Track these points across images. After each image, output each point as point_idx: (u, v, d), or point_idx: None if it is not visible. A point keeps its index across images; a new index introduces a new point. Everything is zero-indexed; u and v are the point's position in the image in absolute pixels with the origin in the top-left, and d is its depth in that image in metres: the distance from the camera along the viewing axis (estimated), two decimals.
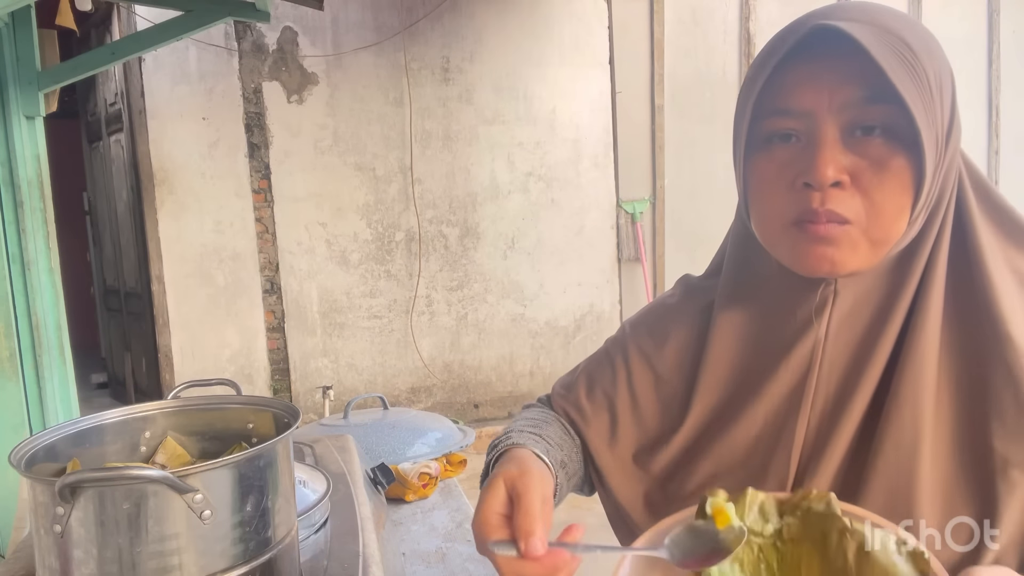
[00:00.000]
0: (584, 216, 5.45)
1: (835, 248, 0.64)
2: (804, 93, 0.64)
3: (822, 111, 0.64)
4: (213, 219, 4.64)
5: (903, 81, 0.59)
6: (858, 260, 0.65)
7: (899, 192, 0.63)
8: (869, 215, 0.63)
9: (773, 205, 0.67)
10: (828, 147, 0.63)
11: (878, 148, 0.63)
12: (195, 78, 4.55)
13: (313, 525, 0.95)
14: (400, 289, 5.08)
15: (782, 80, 0.65)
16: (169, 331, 4.61)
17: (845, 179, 0.63)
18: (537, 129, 5.28)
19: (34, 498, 0.66)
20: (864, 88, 0.62)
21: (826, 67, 0.63)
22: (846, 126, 0.63)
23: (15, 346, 2.40)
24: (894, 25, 0.63)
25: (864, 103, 0.62)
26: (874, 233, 0.64)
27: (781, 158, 0.66)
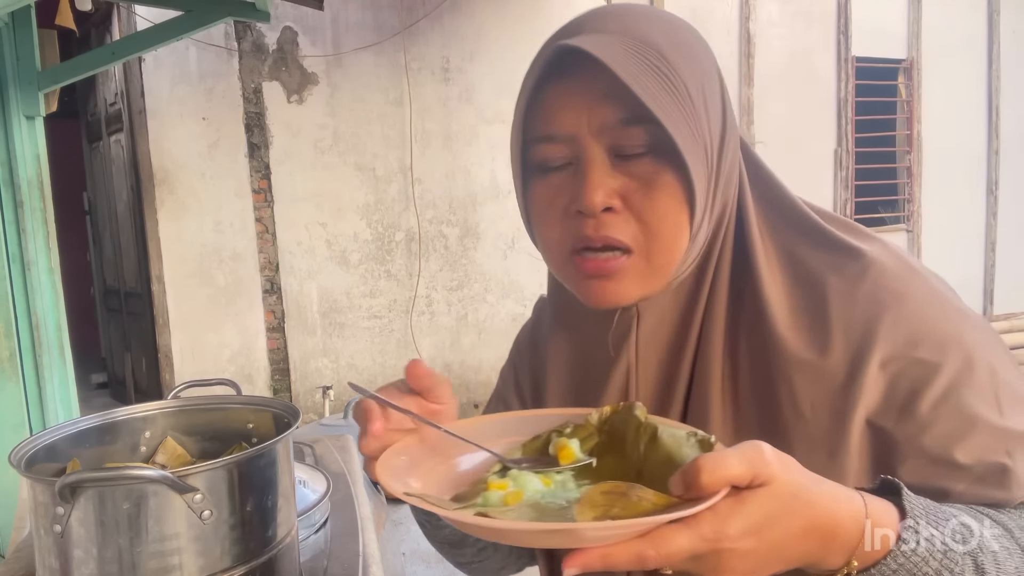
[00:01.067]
0: None
1: (615, 281, 0.63)
2: (564, 117, 0.62)
3: (584, 134, 0.61)
4: (213, 219, 4.64)
5: (656, 98, 0.57)
6: (643, 287, 0.63)
7: (673, 210, 0.61)
8: (647, 237, 0.61)
9: (552, 234, 0.65)
10: (595, 171, 0.61)
11: (645, 167, 0.60)
12: (195, 78, 4.55)
13: (313, 525, 0.95)
14: (400, 289, 5.09)
15: (545, 103, 0.63)
16: (169, 331, 4.61)
17: (616, 203, 0.61)
18: None
19: (34, 498, 0.66)
20: (620, 108, 0.59)
21: (581, 88, 0.61)
22: (610, 148, 0.61)
23: (15, 346, 2.40)
24: (648, 33, 0.60)
25: (622, 125, 0.60)
26: (655, 257, 0.62)
27: (554, 184, 0.64)
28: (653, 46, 0.59)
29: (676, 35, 0.62)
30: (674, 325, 0.67)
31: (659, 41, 0.60)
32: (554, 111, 0.63)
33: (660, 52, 0.59)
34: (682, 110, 0.58)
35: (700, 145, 0.60)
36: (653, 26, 0.61)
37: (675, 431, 0.54)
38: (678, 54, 0.60)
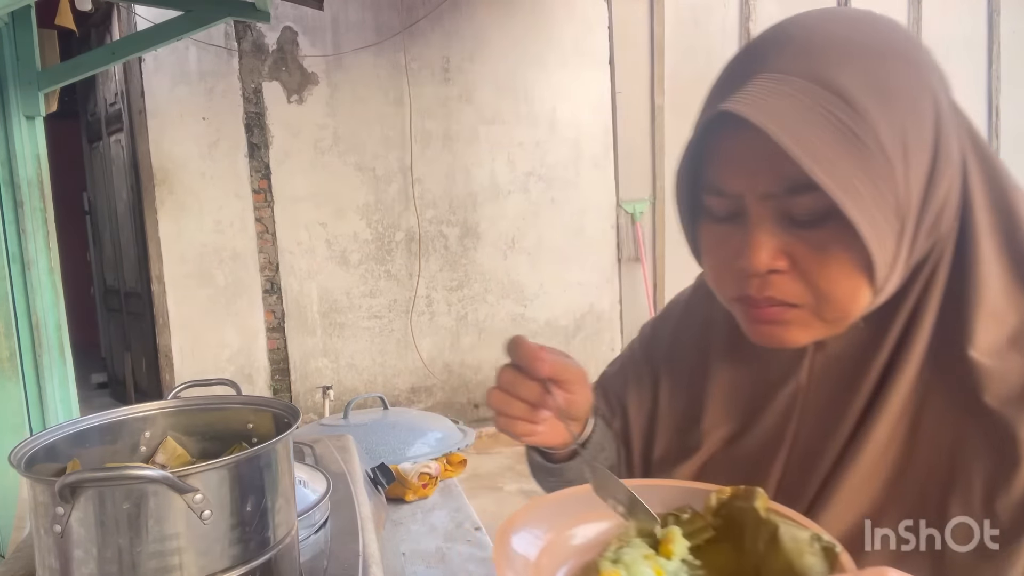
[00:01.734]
0: (584, 216, 5.45)
1: (783, 328, 0.60)
2: (731, 176, 0.59)
3: (749, 195, 0.58)
4: (213, 219, 4.64)
5: (831, 165, 0.52)
6: (813, 335, 0.60)
7: (848, 276, 0.56)
8: (818, 299, 0.58)
9: (719, 278, 0.63)
10: (760, 233, 0.57)
11: (817, 234, 0.56)
12: (195, 78, 4.55)
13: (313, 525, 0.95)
14: (400, 289, 5.08)
15: (713, 153, 0.60)
16: (169, 331, 4.61)
17: (783, 264, 0.57)
18: (537, 129, 5.28)
19: (34, 498, 0.66)
20: (789, 174, 0.54)
21: (748, 146, 0.56)
22: (778, 211, 0.57)
23: (15, 346, 2.40)
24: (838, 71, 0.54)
25: (788, 193, 0.55)
26: (828, 314, 0.58)
27: (721, 231, 0.61)
28: (841, 93, 0.53)
29: (876, 67, 0.54)
30: (856, 356, 0.63)
31: (850, 84, 0.53)
32: (721, 166, 0.59)
33: (849, 101, 0.53)
34: (867, 171, 0.53)
35: (890, 204, 0.54)
36: (846, 58, 0.54)
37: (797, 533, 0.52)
38: (874, 97, 0.53)
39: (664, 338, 0.81)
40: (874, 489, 0.60)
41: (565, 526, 0.59)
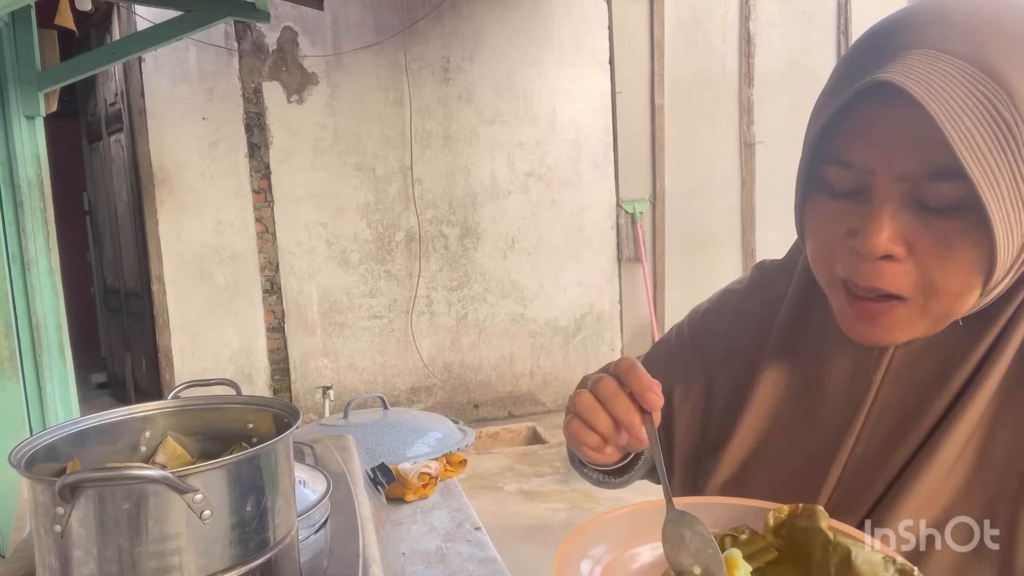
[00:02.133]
0: (584, 216, 5.45)
1: (882, 328, 0.58)
2: (863, 148, 0.55)
3: (882, 174, 0.54)
4: (213, 219, 4.64)
5: (982, 155, 0.49)
6: (912, 332, 0.58)
7: (966, 272, 0.54)
8: (926, 292, 0.55)
9: (824, 256, 0.60)
10: (884, 213, 0.54)
11: (946, 224, 0.53)
12: (195, 78, 4.55)
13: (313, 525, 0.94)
14: (400, 289, 5.09)
15: (850, 122, 0.56)
16: (169, 331, 4.61)
17: (899, 251, 0.55)
18: (537, 129, 5.28)
19: (34, 498, 0.66)
20: (932, 158, 0.51)
21: (894, 121, 0.53)
22: (909, 195, 0.54)
23: (15, 346, 2.40)
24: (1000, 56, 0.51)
25: (928, 178, 0.53)
26: (934, 309, 0.56)
27: (835, 207, 0.58)
28: (1003, 82, 0.50)
29: None
30: (942, 358, 0.60)
31: (1012, 75, 0.50)
32: (857, 137, 0.56)
33: (1010, 92, 0.50)
34: (1012, 168, 0.50)
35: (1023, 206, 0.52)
36: (1011, 48, 0.51)
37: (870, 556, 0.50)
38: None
39: (718, 333, 0.78)
40: (944, 496, 0.59)
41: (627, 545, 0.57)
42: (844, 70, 0.58)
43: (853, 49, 0.58)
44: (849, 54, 0.59)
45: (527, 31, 5.20)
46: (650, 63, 5.54)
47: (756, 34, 5.72)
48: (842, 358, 0.66)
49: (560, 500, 3.92)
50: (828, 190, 0.59)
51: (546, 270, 5.38)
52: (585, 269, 5.47)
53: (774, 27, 5.76)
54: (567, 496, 3.94)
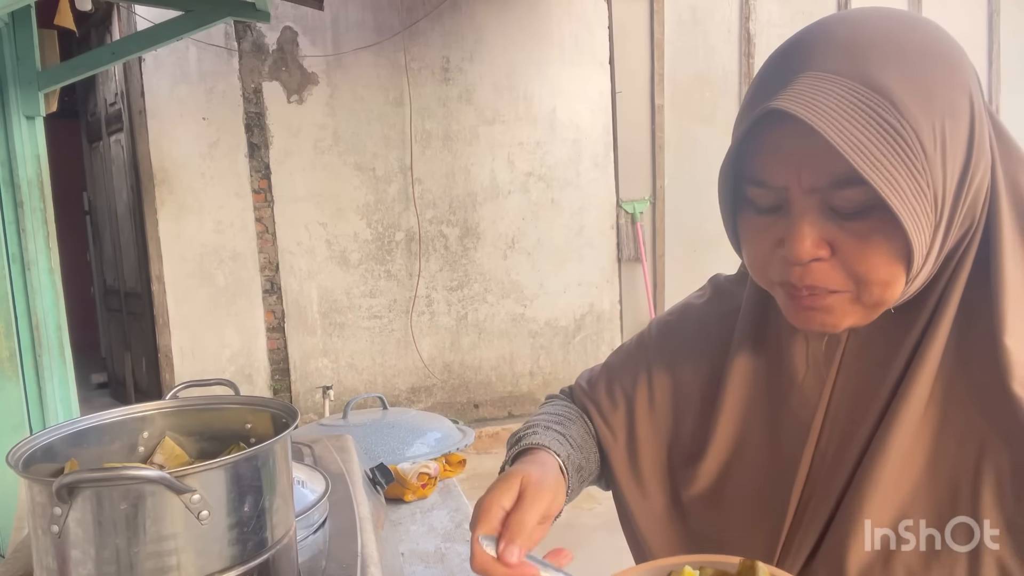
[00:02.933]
0: (584, 216, 5.45)
1: (824, 313, 0.62)
2: (773, 168, 0.61)
3: (794, 188, 0.60)
4: (213, 219, 4.64)
5: (876, 160, 0.54)
6: (853, 319, 0.62)
7: (887, 263, 0.59)
8: (857, 284, 0.60)
9: (760, 265, 0.65)
10: (803, 224, 0.59)
11: (859, 225, 0.58)
12: (195, 78, 4.55)
13: (312, 525, 0.94)
14: (400, 289, 5.09)
15: (759, 146, 0.61)
16: (169, 331, 4.61)
17: (824, 253, 0.60)
18: (537, 129, 5.28)
19: (32, 498, 0.66)
20: (835, 168, 0.56)
21: (796, 140, 0.58)
22: (822, 203, 0.59)
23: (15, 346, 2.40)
24: (880, 70, 0.56)
25: (833, 187, 0.58)
26: (866, 298, 0.61)
27: (763, 222, 0.63)
28: (883, 92, 0.55)
29: (917, 68, 0.56)
30: (884, 347, 0.65)
31: (893, 85, 0.55)
32: (766, 159, 0.61)
33: (891, 100, 0.55)
34: (908, 167, 0.55)
35: (928, 198, 0.56)
36: (888, 58, 0.56)
37: None
38: (914, 96, 0.56)
39: (682, 338, 0.82)
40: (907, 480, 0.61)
41: None
42: (750, 96, 0.63)
43: (758, 75, 0.63)
44: (755, 80, 0.64)
45: (527, 31, 5.19)
46: (650, 63, 5.54)
47: (756, 34, 5.71)
48: (800, 359, 0.70)
49: None
50: (753, 207, 0.64)
51: (546, 270, 5.38)
52: (585, 269, 5.47)
53: (774, 27, 5.76)
54: None
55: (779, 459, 0.70)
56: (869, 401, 0.65)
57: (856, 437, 0.65)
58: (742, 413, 0.73)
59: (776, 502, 0.69)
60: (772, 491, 0.69)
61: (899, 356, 0.64)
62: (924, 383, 0.62)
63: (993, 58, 6.62)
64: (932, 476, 0.61)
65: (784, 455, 0.69)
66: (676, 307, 0.87)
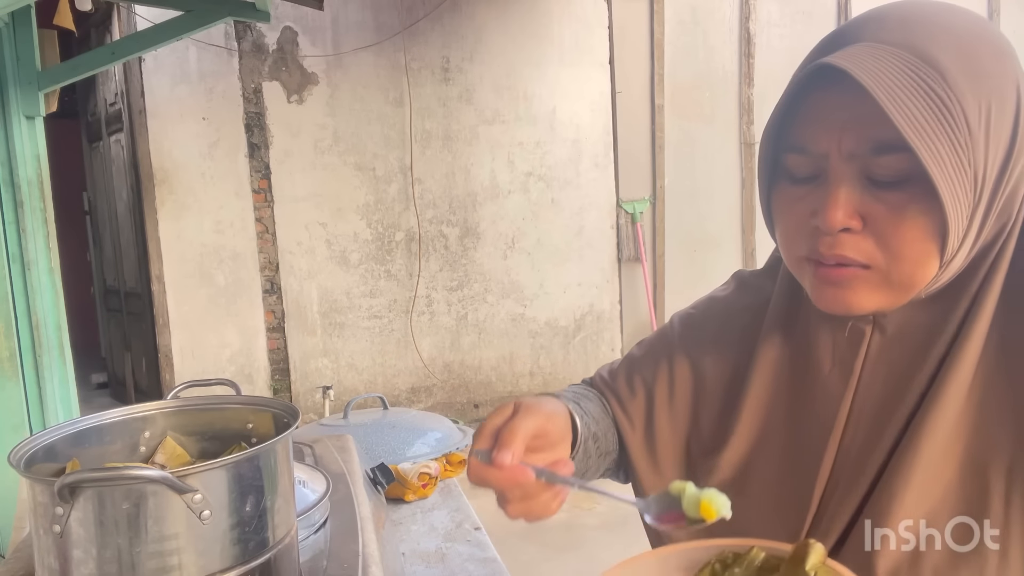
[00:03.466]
0: (584, 216, 5.45)
1: (849, 291, 0.61)
2: (816, 133, 0.60)
3: (834, 155, 0.59)
4: (213, 219, 4.64)
5: (922, 128, 0.54)
6: (878, 301, 0.61)
7: (921, 239, 0.58)
8: (887, 259, 0.59)
9: (790, 238, 0.65)
10: (839, 192, 0.59)
11: (896, 196, 0.58)
12: (195, 78, 4.55)
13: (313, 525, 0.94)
14: (400, 289, 5.08)
15: (803, 113, 0.61)
16: (169, 331, 4.61)
17: (856, 224, 0.59)
18: (537, 129, 5.28)
19: (33, 498, 0.66)
20: (877, 134, 0.56)
21: (841, 104, 0.58)
22: (861, 171, 0.59)
23: (15, 346, 2.40)
24: (933, 45, 0.56)
25: (873, 152, 0.57)
26: (896, 276, 0.60)
27: (799, 194, 0.63)
28: (934, 64, 0.56)
29: (968, 46, 0.57)
30: (916, 340, 0.64)
31: (943, 58, 0.56)
32: (808, 124, 0.61)
33: (941, 72, 0.55)
34: (952, 140, 0.55)
35: (968, 176, 0.56)
36: (941, 36, 0.57)
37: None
38: (963, 72, 0.56)
39: (708, 331, 0.81)
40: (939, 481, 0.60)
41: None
42: (798, 70, 0.63)
43: (809, 54, 0.64)
44: (805, 58, 0.64)
45: (527, 31, 5.19)
46: (650, 63, 5.54)
47: (756, 34, 5.71)
48: (824, 347, 0.69)
49: None
50: (790, 177, 0.64)
51: (546, 270, 5.38)
52: (585, 269, 5.47)
53: (774, 27, 5.76)
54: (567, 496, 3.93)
55: (802, 452, 0.68)
56: (899, 396, 0.64)
57: (884, 434, 0.64)
58: (766, 405, 0.72)
59: (799, 496, 0.67)
60: (794, 485, 0.68)
61: (931, 352, 0.63)
62: (962, 381, 0.61)
63: None
64: (964, 478, 0.60)
65: (807, 448, 0.68)
66: (700, 300, 0.85)
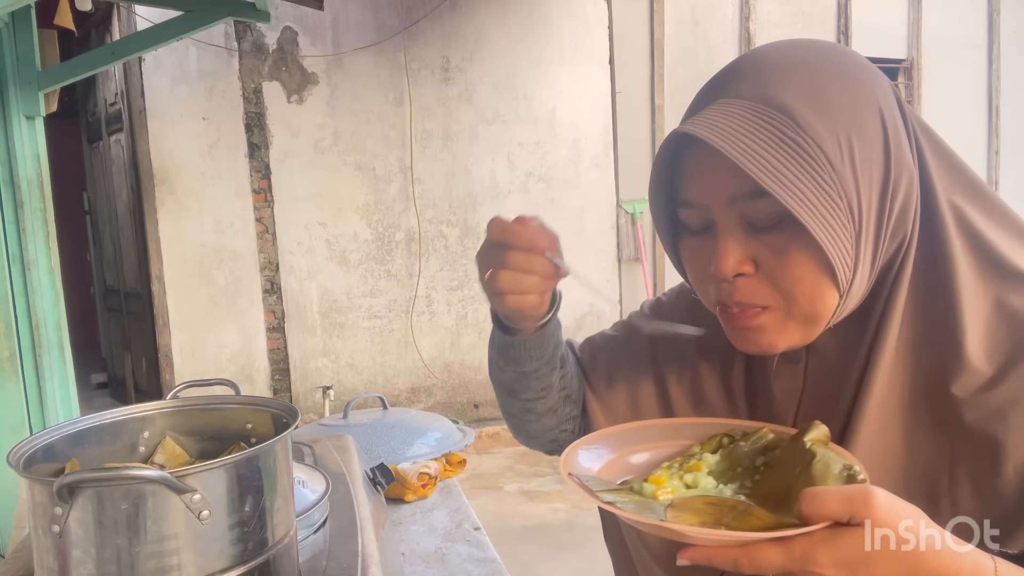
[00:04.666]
0: (584, 216, 5.45)
1: (760, 333, 0.64)
2: (696, 187, 0.64)
3: (716, 204, 0.62)
4: (213, 219, 4.64)
5: (780, 174, 0.56)
6: (789, 338, 0.64)
7: (810, 275, 0.60)
8: (783, 298, 0.61)
9: (698, 285, 0.68)
10: (726, 241, 0.62)
11: (777, 237, 0.60)
12: (195, 78, 4.55)
13: (312, 525, 0.95)
14: (400, 289, 5.08)
15: (683, 167, 0.65)
16: (169, 331, 4.61)
17: (748, 269, 0.62)
18: (537, 129, 5.28)
19: (32, 498, 0.66)
20: (749, 181, 0.58)
21: (711, 159, 0.60)
22: (742, 216, 0.62)
23: (15, 346, 2.40)
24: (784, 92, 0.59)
25: (751, 197, 0.60)
26: (796, 312, 0.62)
27: (696, 245, 0.66)
28: (783, 109, 0.58)
29: (818, 84, 0.59)
30: (845, 353, 0.66)
31: (791, 100, 0.58)
32: (689, 180, 0.65)
33: (793, 117, 0.58)
34: (815, 180, 0.57)
35: (843, 209, 0.58)
36: (790, 80, 0.60)
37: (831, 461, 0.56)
38: (815, 112, 0.58)
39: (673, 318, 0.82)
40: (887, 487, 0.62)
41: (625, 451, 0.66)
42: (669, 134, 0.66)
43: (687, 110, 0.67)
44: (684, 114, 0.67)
45: (527, 31, 5.20)
46: (650, 63, 5.54)
47: (756, 34, 5.71)
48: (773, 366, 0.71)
49: (560, 500, 3.92)
50: (688, 230, 0.67)
51: None
52: (585, 269, 5.45)
53: (774, 27, 5.76)
54: (567, 496, 3.94)
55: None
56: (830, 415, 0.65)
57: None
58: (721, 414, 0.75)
59: None
60: None
61: (853, 368, 0.65)
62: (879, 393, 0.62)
63: (993, 58, 6.62)
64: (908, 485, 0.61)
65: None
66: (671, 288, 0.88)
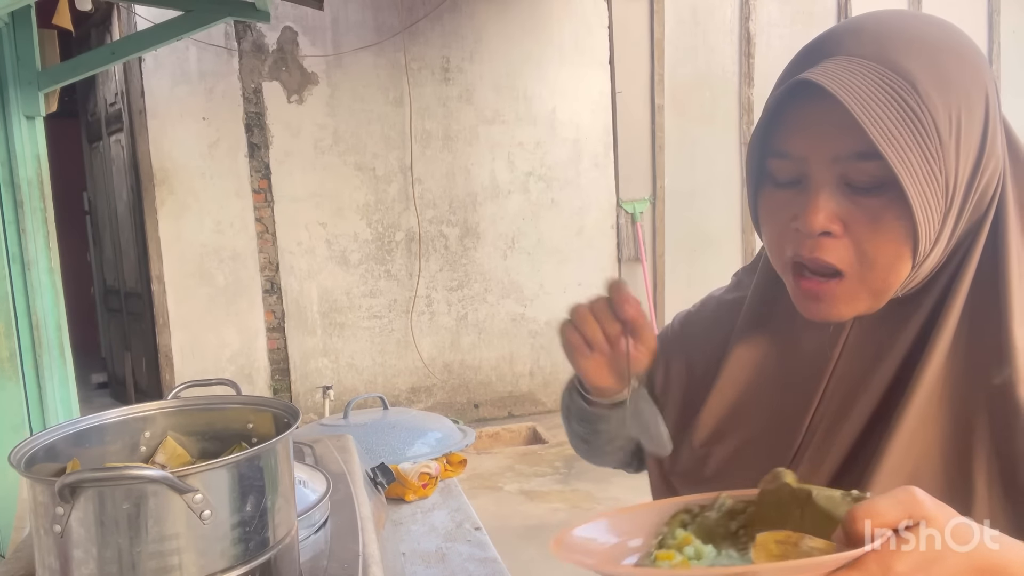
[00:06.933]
0: (584, 216, 5.45)
1: (828, 304, 0.64)
2: (799, 139, 0.63)
3: (816, 159, 0.62)
4: (213, 219, 4.64)
5: (894, 137, 0.57)
6: (856, 308, 0.64)
7: (895, 243, 0.61)
8: (862, 264, 0.62)
9: (775, 242, 0.67)
10: (820, 196, 0.62)
11: (873, 201, 0.61)
12: (195, 78, 4.55)
13: (313, 525, 0.95)
14: (400, 289, 5.08)
15: (786, 120, 0.64)
16: (169, 331, 4.61)
17: (836, 228, 0.62)
18: (537, 129, 5.28)
19: (34, 498, 0.66)
20: (856, 141, 0.58)
21: (822, 113, 0.60)
22: (840, 177, 0.62)
23: (15, 346, 2.40)
24: (904, 58, 0.59)
25: (854, 158, 0.60)
26: (871, 282, 0.63)
27: (782, 198, 0.66)
28: (906, 75, 0.58)
29: (939, 58, 0.60)
30: (888, 330, 0.67)
31: (914, 69, 0.59)
32: (791, 131, 0.64)
33: (912, 83, 0.58)
34: (923, 149, 0.57)
35: (939, 183, 0.59)
36: (913, 48, 0.60)
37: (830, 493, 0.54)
38: (934, 83, 0.58)
39: (700, 324, 0.85)
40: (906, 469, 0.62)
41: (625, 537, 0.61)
42: (782, 77, 0.66)
43: (789, 63, 0.67)
44: (786, 67, 0.67)
45: (527, 31, 5.20)
46: (650, 63, 5.54)
47: (756, 34, 5.71)
48: (807, 336, 0.72)
49: (560, 500, 3.92)
50: (774, 182, 0.67)
51: (546, 270, 5.38)
52: (585, 269, 5.47)
53: (774, 27, 5.76)
54: (567, 496, 3.94)
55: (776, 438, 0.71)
56: (865, 386, 0.66)
57: (850, 420, 0.66)
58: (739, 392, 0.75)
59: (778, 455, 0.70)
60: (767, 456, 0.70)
61: (899, 344, 0.65)
62: (931, 372, 0.62)
63: (993, 58, 6.62)
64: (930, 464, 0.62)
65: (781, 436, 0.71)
66: (701, 300, 0.89)
